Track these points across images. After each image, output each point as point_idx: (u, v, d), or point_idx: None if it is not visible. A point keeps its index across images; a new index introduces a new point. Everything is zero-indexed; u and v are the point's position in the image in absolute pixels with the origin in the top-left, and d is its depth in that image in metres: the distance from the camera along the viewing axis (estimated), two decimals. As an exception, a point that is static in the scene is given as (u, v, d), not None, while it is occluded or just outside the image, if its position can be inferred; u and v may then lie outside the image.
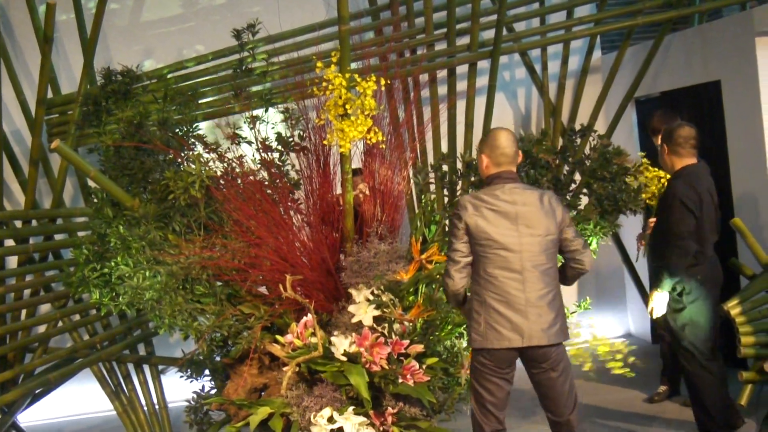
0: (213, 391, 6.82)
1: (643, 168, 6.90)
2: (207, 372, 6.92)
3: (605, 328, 10.18)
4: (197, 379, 6.94)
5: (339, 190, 6.55)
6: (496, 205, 5.26)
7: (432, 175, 7.36)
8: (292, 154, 6.76)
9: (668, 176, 6.82)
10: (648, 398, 7.88)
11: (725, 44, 8.27)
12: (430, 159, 8.69)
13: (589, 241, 6.60)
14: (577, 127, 7.17)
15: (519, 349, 5.26)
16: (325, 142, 6.40)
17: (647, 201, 6.92)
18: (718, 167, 8.30)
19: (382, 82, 6.43)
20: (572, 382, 5.39)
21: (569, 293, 9.44)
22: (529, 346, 5.22)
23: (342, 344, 5.96)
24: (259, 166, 6.70)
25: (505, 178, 5.30)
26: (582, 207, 6.61)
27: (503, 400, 5.41)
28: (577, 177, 6.90)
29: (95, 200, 6.92)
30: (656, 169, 6.85)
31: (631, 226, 8.72)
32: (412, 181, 7.00)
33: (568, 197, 6.70)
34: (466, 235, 5.30)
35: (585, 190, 6.75)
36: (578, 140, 7.00)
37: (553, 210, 5.26)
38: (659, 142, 7.16)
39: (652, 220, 6.99)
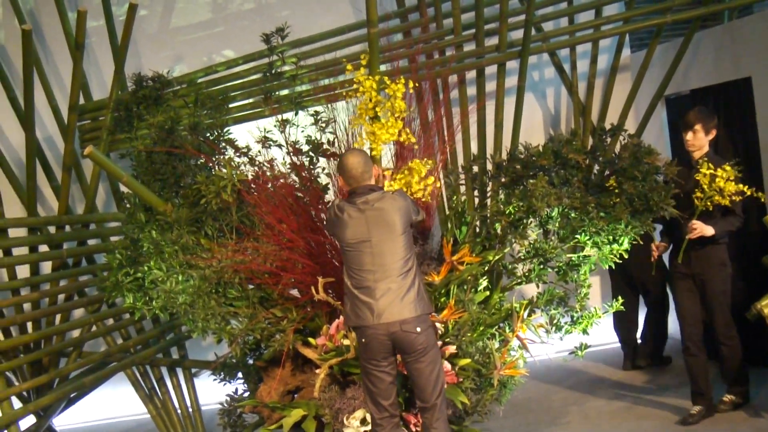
0: (246, 394, 6.87)
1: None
2: (240, 375, 6.97)
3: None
4: (230, 382, 6.99)
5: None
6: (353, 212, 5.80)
7: (462, 176, 7.36)
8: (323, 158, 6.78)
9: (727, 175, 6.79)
10: (681, 420, 7.36)
11: (755, 41, 8.22)
12: (461, 160, 8.69)
13: (620, 241, 6.58)
14: (607, 126, 7.12)
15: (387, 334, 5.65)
16: (356, 144, 6.43)
17: (696, 202, 6.89)
18: (750, 164, 8.26)
19: (411, 84, 6.45)
20: (440, 372, 5.75)
21: (601, 295, 9.41)
22: (392, 332, 5.63)
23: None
24: (289, 169, 6.72)
25: (360, 193, 5.79)
26: (615, 206, 6.57)
27: (386, 390, 5.77)
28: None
29: (128, 205, 6.97)
30: (712, 166, 6.80)
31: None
32: (443, 182, 7.00)
33: (600, 197, 6.68)
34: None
35: (616, 190, 6.72)
36: (608, 139, 6.97)
37: (399, 207, 5.74)
38: (691, 137, 7.12)
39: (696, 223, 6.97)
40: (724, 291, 7.17)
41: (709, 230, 6.97)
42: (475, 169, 7.05)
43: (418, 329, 5.62)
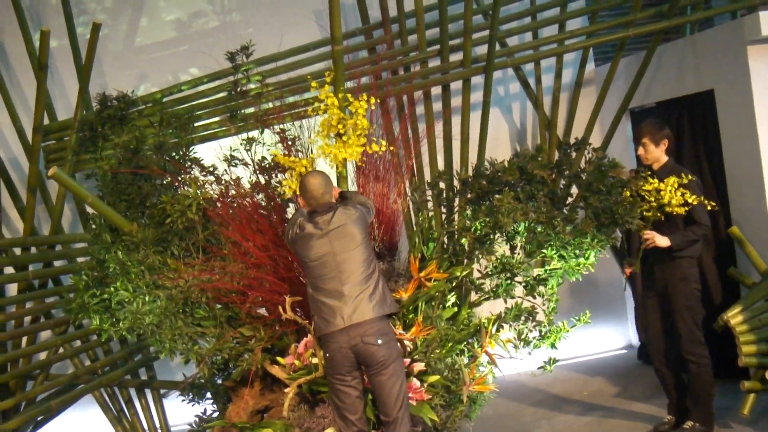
0: (215, 414, 6.84)
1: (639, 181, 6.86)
2: (208, 395, 6.93)
3: (606, 341, 10.18)
4: (199, 403, 6.96)
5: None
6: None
7: (428, 192, 7.37)
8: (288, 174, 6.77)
9: (672, 188, 6.77)
10: (653, 429, 7.45)
11: (717, 53, 8.29)
12: (427, 176, 8.70)
13: (586, 255, 6.60)
14: (573, 140, 7.16)
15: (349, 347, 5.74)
16: (305, 161, 6.48)
17: (644, 213, 6.85)
18: (715, 176, 8.33)
19: (372, 101, 6.46)
20: (402, 385, 5.80)
21: (568, 307, 9.44)
22: (354, 344, 5.72)
23: None
24: (254, 188, 6.71)
25: (319, 212, 5.90)
26: (579, 221, 6.60)
27: (352, 405, 5.83)
28: (574, 190, 6.90)
29: (93, 226, 6.92)
30: (655, 180, 6.80)
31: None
32: (408, 198, 7.01)
33: (565, 211, 6.70)
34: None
35: (582, 204, 6.75)
36: (573, 154, 7.00)
37: (356, 218, 5.88)
38: (641, 151, 7.16)
39: (649, 232, 6.97)
40: (688, 306, 7.04)
41: (663, 240, 6.93)
42: (442, 185, 7.07)
43: (380, 341, 5.68)
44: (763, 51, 7.93)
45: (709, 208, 6.95)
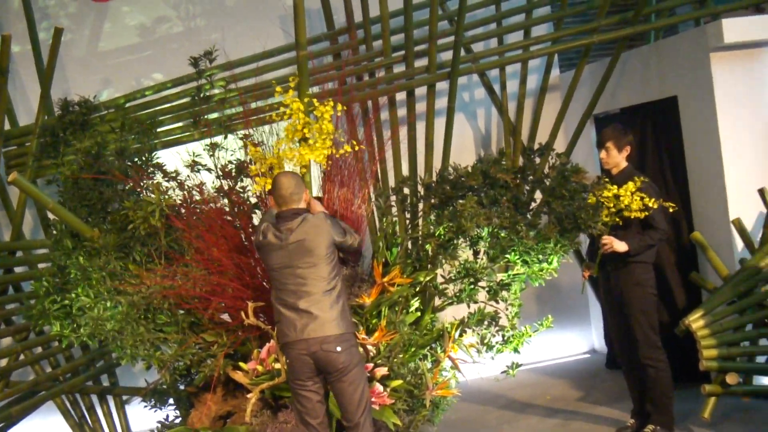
0: (178, 420, 6.79)
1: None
2: (171, 401, 6.88)
3: (569, 346, 10.21)
4: (161, 409, 6.91)
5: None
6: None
7: (393, 197, 7.36)
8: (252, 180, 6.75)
9: (629, 194, 6.79)
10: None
11: (680, 60, 8.34)
12: (392, 181, 8.69)
13: (549, 260, 6.62)
14: (537, 145, 7.18)
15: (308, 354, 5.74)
16: (273, 160, 6.46)
17: (604, 218, 6.86)
18: (677, 181, 8.37)
19: (339, 107, 6.46)
20: (363, 391, 5.82)
21: (532, 312, 9.47)
22: (313, 351, 5.71)
23: None
24: (218, 193, 6.68)
25: (284, 217, 5.88)
26: (542, 225, 6.62)
27: (313, 410, 5.84)
28: (538, 196, 6.91)
29: (54, 232, 6.88)
30: (614, 187, 6.83)
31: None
32: (372, 203, 7.00)
33: (528, 216, 6.72)
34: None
35: (545, 209, 6.77)
36: (537, 159, 7.02)
37: (325, 233, 5.83)
38: (604, 155, 7.18)
39: (607, 238, 6.98)
40: (643, 311, 7.04)
41: (621, 245, 6.93)
42: (406, 190, 7.06)
43: (339, 348, 5.67)
44: (726, 58, 7.99)
45: (671, 210, 6.99)
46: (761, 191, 7.73)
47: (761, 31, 7.92)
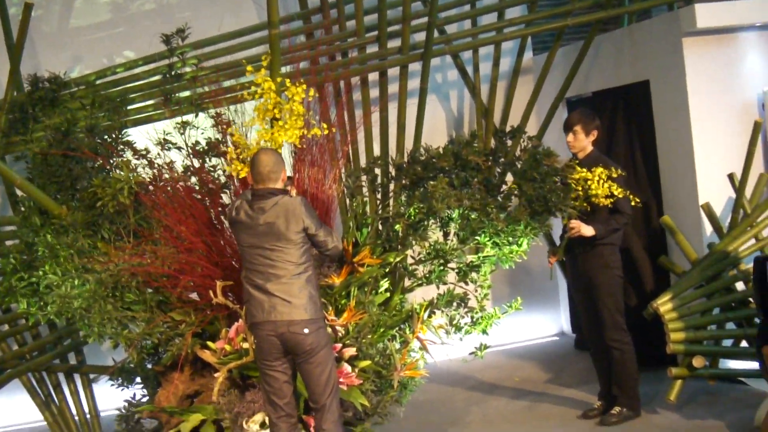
0: (145, 399, 6.77)
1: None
2: (138, 380, 6.86)
3: (539, 328, 10.24)
4: (128, 387, 6.89)
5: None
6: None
7: (363, 178, 7.35)
8: (223, 159, 6.72)
9: (599, 178, 6.80)
10: (582, 414, 7.52)
11: (653, 45, 8.35)
12: (363, 162, 8.67)
13: (519, 242, 6.63)
14: (509, 128, 7.18)
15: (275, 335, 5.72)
16: (254, 149, 6.40)
17: (573, 202, 6.86)
18: (648, 166, 8.40)
19: (311, 93, 6.43)
20: (331, 373, 5.79)
21: (501, 293, 9.49)
22: (281, 332, 5.69)
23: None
24: (188, 171, 6.65)
25: (259, 195, 5.81)
26: (512, 208, 6.62)
27: (280, 390, 5.82)
28: (509, 178, 6.91)
29: (22, 209, 6.84)
30: (584, 170, 6.83)
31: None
32: (343, 184, 6.98)
33: (499, 198, 6.71)
34: None
35: (516, 192, 6.77)
36: (509, 141, 7.01)
37: (297, 217, 5.72)
38: (571, 138, 7.21)
39: (574, 222, 7.00)
40: (610, 293, 7.14)
41: (588, 230, 6.99)
42: (377, 170, 7.05)
43: (306, 330, 5.65)
44: (699, 43, 8.00)
45: (633, 203, 7.03)
46: (731, 176, 7.75)
47: (734, 17, 7.95)
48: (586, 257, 7.17)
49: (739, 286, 7.31)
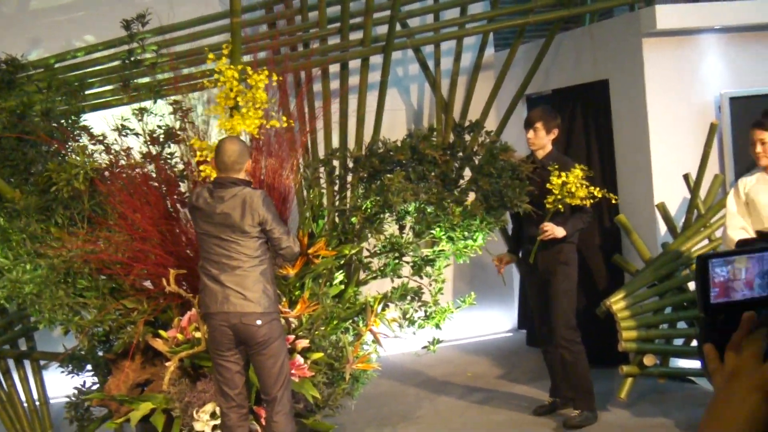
0: (95, 387, 6.73)
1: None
2: (89, 367, 6.82)
3: (492, 323, 10.27)
4: (79, 375, 6.84)
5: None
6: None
7: (321, 169, 7.34)
8: (182, 146, 6.69)
9: (576, 179, 6.77)
10: (533, 410, 7.52)
11: (613, 44, 8.40)
12: (322, 153, 8.66)
13: (474, 237, 6.65)
14: (468, 123, 7.18)
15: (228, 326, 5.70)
16: (195, 143, 6.38)
17: (547, 205, 6.83)
18: (605, 165, 8.45)
19: (274, 77, 6.41)
20: (283, 365, 5.79)
21: (456, 289, 9.52)
22: (233, 323, 5.68)
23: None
24: (145, 158, 6.61)
25: (220, 184, 5.77)
26: (468, 203, 6.64)
27: (231, 380, 5.80)
28: (468, 173, 6.92)
29: (-26, 192, 6.76)
30: (564, 174, 6.75)
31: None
32: (300, 175, 6.97)
33: (456, 193, 6.73)
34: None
35: (473, 186, 6.79)
36: (467, 136, 7.02)
37: (253, 210, 5.67)
38: (531, 135, 7.14)
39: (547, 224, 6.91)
40: (566, 290, 7.07)
41: (560, 231, 6.90)
42: (335, 162, 7.04)
43: (259, 322, 5.64)
44: (658, 44, 8.06)
45: (613, 201, 7.17)
46: (686, 177, 7.81)
47: (693, 19, 8.02)
48: (545, 254, 7.08)
49: (692, 285, 7.37)
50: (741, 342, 1.57)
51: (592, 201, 6.85)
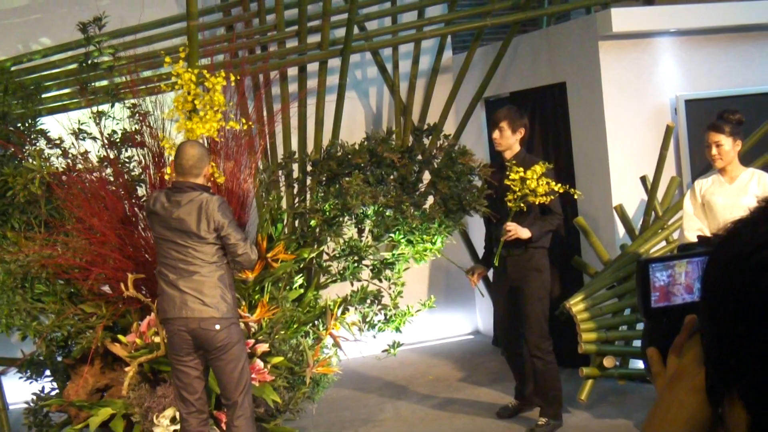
0: (54, 392, 6.68)
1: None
2: (48, 373, 6.77)
3: (454, 326, 10.30)
4: (37, 380, 6.79)
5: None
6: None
7: (280, 172, 7.34)
8: (138, 150, 6.67)
9: (536, 175, 6.68)
10: (496, 412, 7.49)
11: (570, 47, 8.45)
12: (280, 156, 8.64)
13: (433, 240, 6.66)
14: (427, 126, 7.20)
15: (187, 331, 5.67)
16: (165, 144, 6.35)
17: (509, 204, 6.70)
18: (564, 167, 8.49)
19: (232, 78, 6.39)
20: (243, 369, 5.76)
21: (418, 292, 9.53)
22: (192, 328, 5.64)
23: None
24: (103, 162, 6.58)
25: (178, 188, 5.72)
26: (427, 206, 6.66)
27: (190, 385, 5.77)
28: (427, 176, 6.94)
29: (-72, 196, 6.70)
30: (521, 169, 6.69)
31: (478, 224, 8.79)
32: (259, 178, 6.96)
33: (415, 196, 6.74)
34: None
35: (432, 190, 6.80)
36: (426, 139, 7.04)
37: (208, 216, 5.62)
38: (497, 134, 7.03)
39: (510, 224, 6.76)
40: (540, 298, 6.95)
41: (524, 232, 6.72)
42: (294, 165, 7.04)
43: (217, 327, 5.62)
44: (614, 46, 8.12)
45: (576, 197, 7.10)
46: (643, 179, 7.88)
47: (649, 22, 8.08)
48: (516, 260, 6.93)
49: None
50: (682, 345, 1.59)
51: (553, 197, 6.73)
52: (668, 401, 1.56)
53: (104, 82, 7.80)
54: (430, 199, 6.77)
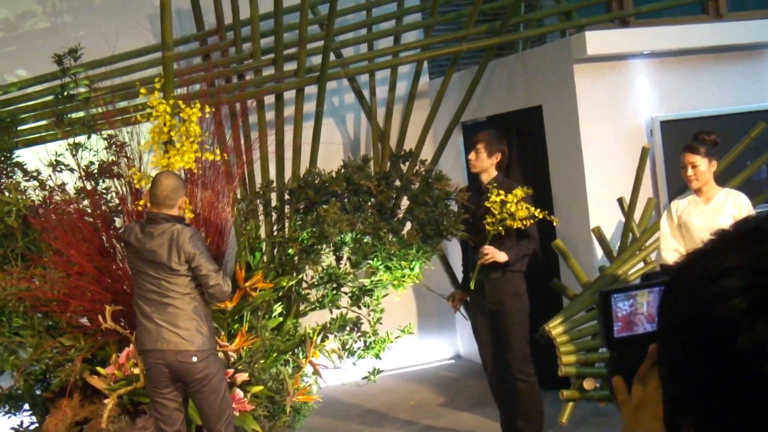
0: (33, 427, 6.65)
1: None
2: (26, 406, 6.73)
3: (434, 351, 10.29)
4: (16, 415, 6.75)
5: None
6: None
7: (259, 201, 7.33)
8: (116, 181, 6.66)
9: (516, 199, 6.66)
10: None
11: (546, 70, 8.49)
12: (259, 185, 8.64)
13: (411, 266, 6.67)
14: (404, 151, 7.21)
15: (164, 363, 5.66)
16: (136, 178, 6.35)
17: (487, 227, 6.67)
18: (539, 190, 8.50)
19: (207, 109, 6.40)
20: (224, 400, 5.75)
21: (397, 317, 9.52)
22: (169, 361, 5.63)
23: None
24: (79, 194, 6.57)
25: (152, 220, 5.71)
26: (405, 232, 6.67)
27: (169, 417, 5.78)
28: (406, 202, 6.94)
29: None
30: (502, 192, 6.68)
31: (458, 248, 8.80)
32: (237, 207, 6.96)
33: (392, 222, 6.75)
34: None
35: (410, 216, 6.81)
36: (403, 165, 7.05)
37: (179, 247, 5.59)
38: (473, 156, 7.00)
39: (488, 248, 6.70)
40: (521, 322, 6.93)
41: (501, 256, 6.68)
42: (272, 194, 7.04)
43: (194, 359, 5.59)
44: (589, 69, 8.16)
45: (555, 224, 7.09)
46: (620, 200, 7.90)
47: (623, 45, 8.13)
48: (494, 284, 6.87)
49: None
50: (646, 374, 1.61)
51: (532, 221, 6.72)
52: (633, 429, 1.58)
53: (81, 114, 7.79)
54: (408, 225, 6.78)
